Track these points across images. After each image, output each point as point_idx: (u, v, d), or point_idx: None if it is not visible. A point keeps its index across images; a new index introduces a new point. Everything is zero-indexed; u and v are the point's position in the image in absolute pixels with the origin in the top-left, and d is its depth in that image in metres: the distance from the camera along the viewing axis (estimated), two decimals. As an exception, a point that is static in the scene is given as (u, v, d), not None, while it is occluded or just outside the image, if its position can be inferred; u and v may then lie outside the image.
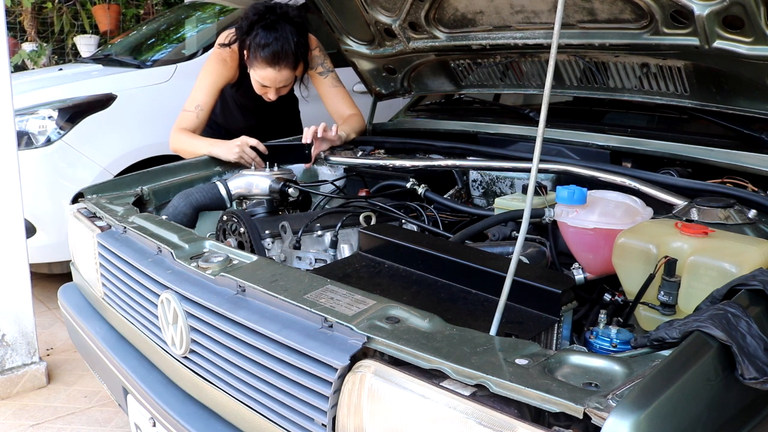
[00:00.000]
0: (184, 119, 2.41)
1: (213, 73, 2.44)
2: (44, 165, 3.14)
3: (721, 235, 1.24)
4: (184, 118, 2.41)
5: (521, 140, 2.09)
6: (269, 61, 2.25)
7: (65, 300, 1.94)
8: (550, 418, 0.83)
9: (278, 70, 2.27)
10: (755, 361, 0.85)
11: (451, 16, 2.03)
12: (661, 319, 1.18)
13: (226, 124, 2.74)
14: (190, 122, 2.40)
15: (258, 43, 2.23)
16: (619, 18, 1.67)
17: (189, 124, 2.39)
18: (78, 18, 6.52)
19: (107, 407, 2.44)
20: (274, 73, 2.28)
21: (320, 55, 2.50)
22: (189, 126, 2.39)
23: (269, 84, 2.32)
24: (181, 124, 2.40)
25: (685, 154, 1.72)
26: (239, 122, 2.73)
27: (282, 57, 2.24)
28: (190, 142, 2.32)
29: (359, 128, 2.50)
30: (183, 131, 2.38)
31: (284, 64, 2.26)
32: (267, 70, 2.27)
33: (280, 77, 2.30)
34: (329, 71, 2.53)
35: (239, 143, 2.17)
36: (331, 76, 2.53)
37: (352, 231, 1.77)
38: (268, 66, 2.26)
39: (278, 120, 2.79)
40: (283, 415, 1.11)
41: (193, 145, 2.30)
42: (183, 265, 1.37)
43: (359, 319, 1.04)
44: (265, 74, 2.29)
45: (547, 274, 1.32)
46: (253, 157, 2.17)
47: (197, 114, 2.41)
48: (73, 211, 1.91)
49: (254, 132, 2.41)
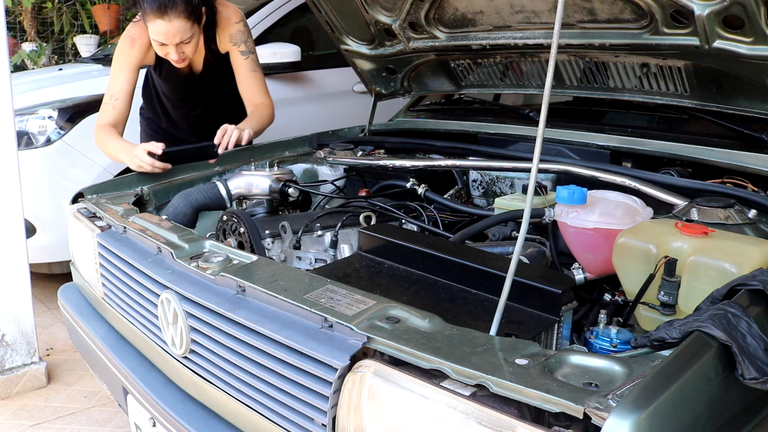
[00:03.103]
0: (103, 113, 2.27)
1: (122, 55, 2.27)
2: (44, 165, 3.14)
3: (721, 235, 1.24)
4: (102, 113, 2.27)
5: (521, 140, 2.09)
6: (156, 11, 2.05)
7: (65, 300, 1.94)
8: (550, 418, 0.83)
9: (168, 20, 2.07)
10: (755, 361, 0.85)
11: (451, 16, 2.03)
12: (661, 319, 1.18)
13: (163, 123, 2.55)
14: (107, 116, 2.26)
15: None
16: (619, 18, 1.67)
17: (107, 118, 2.26)
18: (78, 18, 6.51)
19: (107, 407, 2.44)
20: (164, 25, 2.08)
21: (244, 31, 2.35)
22: (108, 120, 2.26)
23: (164, 39, 2.12)
24: (101, 120, 2.27)
25: (685, 154, 1.72)
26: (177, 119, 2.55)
27: (170, 5, 2.05)
28: (107, 143, 2.20)
29: (267, 121, 2.37)
30: (103, 128, 2.24)
31: (174, 13, 2.06)
32: (156, 22, 2.07)
33: (172, 28, 2.09)
34: (251, 52, 2.37)
35: (137, 151, 2.01)
36: (251, 57, 2.37)
37: (352, 231, 1.77)
38: (156, 17, 2.06)
39: (222, 109, 2.55)
40: (283, 415, 1.11)
41: (108, 147, 2.19)
42: (183, 265, 1.37)
43: (359, 319, 1.04)
44: (156, 28, 2.09)
45: (547, 274, 1.32)
46: (151, 163, 1.99)
47: (113, 105, 2.26)
48: (73, 211, 1.91)
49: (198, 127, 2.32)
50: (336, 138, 2.53)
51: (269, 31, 3.70)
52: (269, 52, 3.48)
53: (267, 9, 3.73)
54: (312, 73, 3.81)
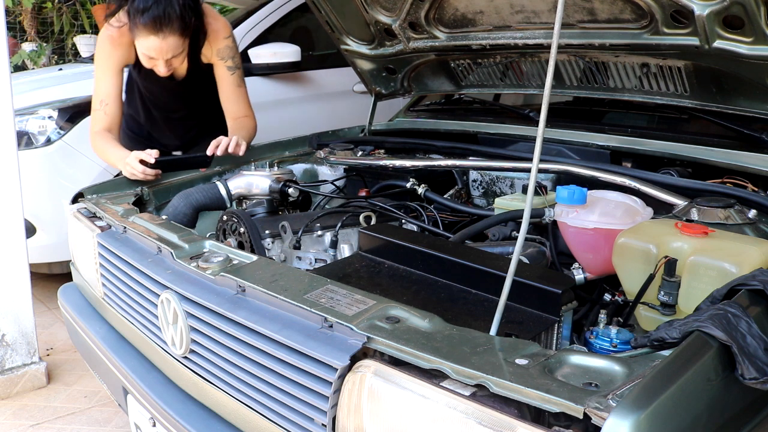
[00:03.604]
0: (95, 120, 2.23)
1: (105, 56, 2.20)
2: (44, 165, 3.14)
3: (721, 235, 1.24)
4: (94, 119, 2.23)
5: (521, 140, 2.09)
6: (151, 28, 1.99)
7: (65, 300, 1.94)
8: (550, 418, 0.83)
9: (162, 37, 2.01)
10: (755, 361, 0.85)
11: (451, 16, 2.03)
12: (661, 319, 1.18)
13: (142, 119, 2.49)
14: (101, 122, 2.22)
15: (137, 7, 1.97)
16: (619, 18, 1.67)
17: (101, 124, 2.22)
18: (78, 18, 6.52)
19: (107, 407, 2.44)
20: (158, 42, 2.02)
21: (232, 47, 2.30)
22: (102, 125, 2.21)
23: (155, 55, 2.07)
24: (95, 127, 2.23)
25: (685, 154, 1.72)
26: (159, 120, 2.49)
27: (165, 22, 1.98)
28: (105, 151, 2.17)
29: (252, 133, 2.35)
30: (98, 134, 2.21)
31: (169, 30, 2.00)
32: (150, 38, 2.01)
33: (166, 45, 2.04)
34: (237, 68, 2.32)
35: (129, 159, 1.98)
36: (237, 73, 2.33)
37: (352, 231, 1.77)
38: (150, 33, 2.00)
39: (203, 113, 2.52)
40: (283, 415, 1.11)
41: (106, 155, 2.16)
42: (183, 265, 1.37)
43: (359, 319, 1.04)
44: (149, 43, 2.03)
45: (547, 274, 1.32)
46: (142, 171, 1.97)
47: (104, 110, 2.21)
48: (73, 211, 1.91)
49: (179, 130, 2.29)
50: (336, 138, 2.53)
51: (269, 31, 3.70)
52: (269, 52, 3.47)
53: (267, 9, 3.73)
54: (312, 73, 3.81)
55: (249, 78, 3.50)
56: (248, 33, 3.61)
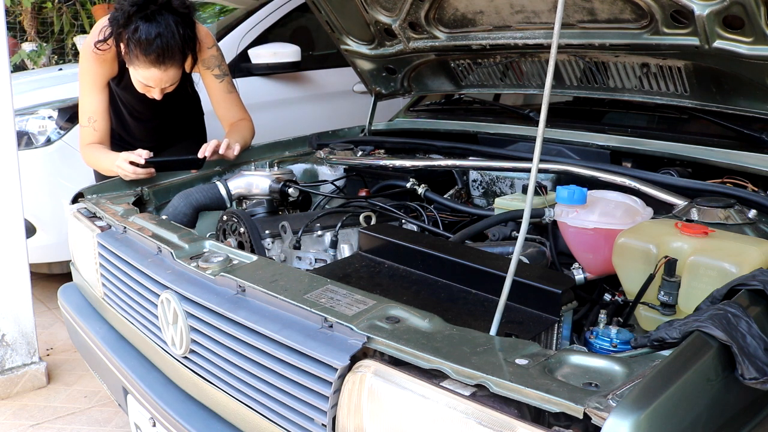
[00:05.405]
0: (84, 135, 2.21)
1: (90, 73, 2.17)
2: (44, 165, 3.14)
3: (721, 235, 1.24)
4: (83, 135, 2.21)
5: (521, 140, 2.09)
6: (153, 61, 1.98)
7: (65, 300, 1.94)
8: (550, 418, 0.83)
9: (164, 69, 2.02)
10: (755, 361, 0.85)
11: (451, 16, 2.03)
12: (661, 319, 1.18)
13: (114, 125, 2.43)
14: (90, 137, 2.20)
15: (138, 39, 1.95)
16: (619, 18, 1.67)
17: (90, 139, 2.20)
18: (78, 18, 6.52)
19: (107, 407, 2.44)
20: (159, 73, 2.02)
21: (218, 55, 2.27)
22: (91, 140, 2.20)
23: (153, 84, 2.07)
24: (84, 141, 2.21)
25: (685, 154, 1.72)
26: (132, 127, 2.45)
27: (168, 55, 1.98)
28: (96, 159, 2.15)
29: (250, 135, 2.32)
30: (88, 147, 2.19)
31: (170, 62, 2.01)
32: (151, 70, 2.01)
33: (167, 77, 2.05)
34: (225, 75, 2.30)
35: (119, 161, 1.98)
36: (226, 80, 2.30)
37: (352, 231, 1.77)
38: (152, 66, 2.00)
39: (178, 121, 2.51)
40: (283, 415, 1.11)
41: (98, 162, 2.14)
42: (183, 265, 1.37)
43: (359, 319, 1.04)
44: (149, 75, 2.03)
45: (547, 274, 1.32)
46: (132, 171, 1.97)
47: (93, 127, 2.19)
48: (73, 211, 1.91)
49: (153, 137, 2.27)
50: (336, 138, 2.53)
51: (269, 31, 3.70)
52: (269, 52, 3.47)
53: (267, 9, 3.73)
54: (312, 73, 3.81)
55: (249, 78, 3.53)
56: (248, 33, 3.62)
